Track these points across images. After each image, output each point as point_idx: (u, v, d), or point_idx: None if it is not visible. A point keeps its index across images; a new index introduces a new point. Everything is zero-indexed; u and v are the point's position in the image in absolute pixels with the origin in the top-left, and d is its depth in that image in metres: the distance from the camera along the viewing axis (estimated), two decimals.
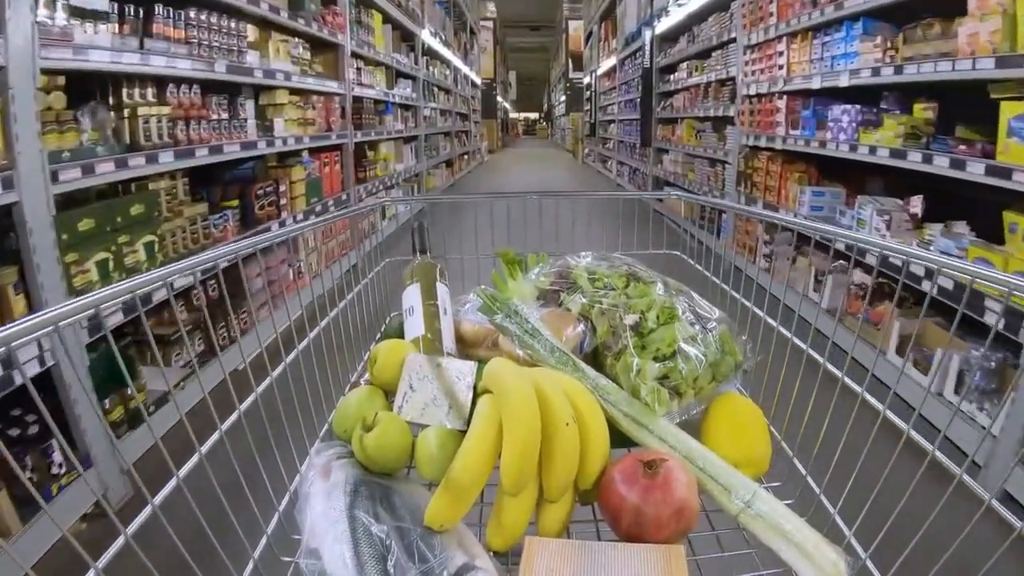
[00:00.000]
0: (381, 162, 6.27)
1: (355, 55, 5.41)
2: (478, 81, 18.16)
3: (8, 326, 0.55)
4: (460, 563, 0.71)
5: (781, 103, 4.28)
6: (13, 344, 0.55)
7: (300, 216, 4.02)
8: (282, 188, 3.82)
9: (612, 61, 12.46)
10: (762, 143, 4.56)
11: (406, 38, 8.14)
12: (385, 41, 6.61)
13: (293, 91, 4.08)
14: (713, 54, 6.02)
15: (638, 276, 1.09)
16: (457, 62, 13.00)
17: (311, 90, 4.38)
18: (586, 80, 17.55)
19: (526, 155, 21.61)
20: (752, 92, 4.74)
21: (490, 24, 20.97)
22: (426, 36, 9.03)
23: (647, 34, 8.24)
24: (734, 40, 5.17)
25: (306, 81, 4.18)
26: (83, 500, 1.89)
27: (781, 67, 4.31)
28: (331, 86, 4.76)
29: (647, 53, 8.26)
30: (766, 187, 4.57)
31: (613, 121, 12.74)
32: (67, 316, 0.59)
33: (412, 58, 8.25)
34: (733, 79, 5.23)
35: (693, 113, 6.62)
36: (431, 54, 9.96)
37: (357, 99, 5.44)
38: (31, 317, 0.57)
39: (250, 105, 3.47)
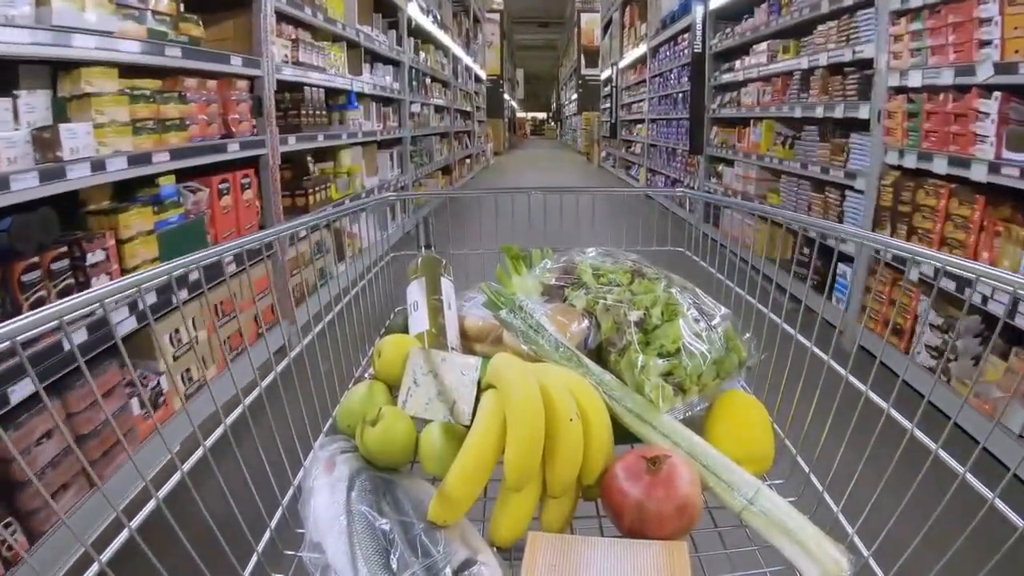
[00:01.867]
0: (343, 177, 4.54)
1: (287, 19, 3.63)
2: (483, 75, 16.64)
3: None
4: (463, 558, 0.71)
5: (989, 104, 2.48)
6: None
7: (139, 306, 2.00)
8: (94, 257, 1.98)
9: (640, 50, 10.40)
10: (937, 167, 2.76)
11: (384, 9, 6.16)
12: (347, 7, 4.75)
13: (135, 71, 2.25)
14: (819, 27, 4.03)
15: (643, 272, 1.09)
16: (457, 50, 11.00)
17: (182, 69, 2.52)
18: (603, 75, 15.83)
19: (535, 157, 20.58)
20: (913, 83, 2.93)
21: (496, 16, 19.61)
22: (413, 11, 7.05)
23: (698, 10, 6.34)
24: (869, 3, 3.35)
25: (167, 53, 2.33)
26: None
27: (987, 42, 2.49)
28: (233, 65, 2.88)
29: (698, 34, 6.30)
30: (943, 239, 2.79)
31: (641, 121, 10.62)
32: None
33: (392, 37, 6.25)
34: (867, 63, 3.37)
35: (780, 112, 4.64)
36: (421, 35, 7.94)
37: (292, 86, 3.67)
38: None
39: (30, 102, 1.84)
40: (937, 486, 0.71)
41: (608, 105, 14.39)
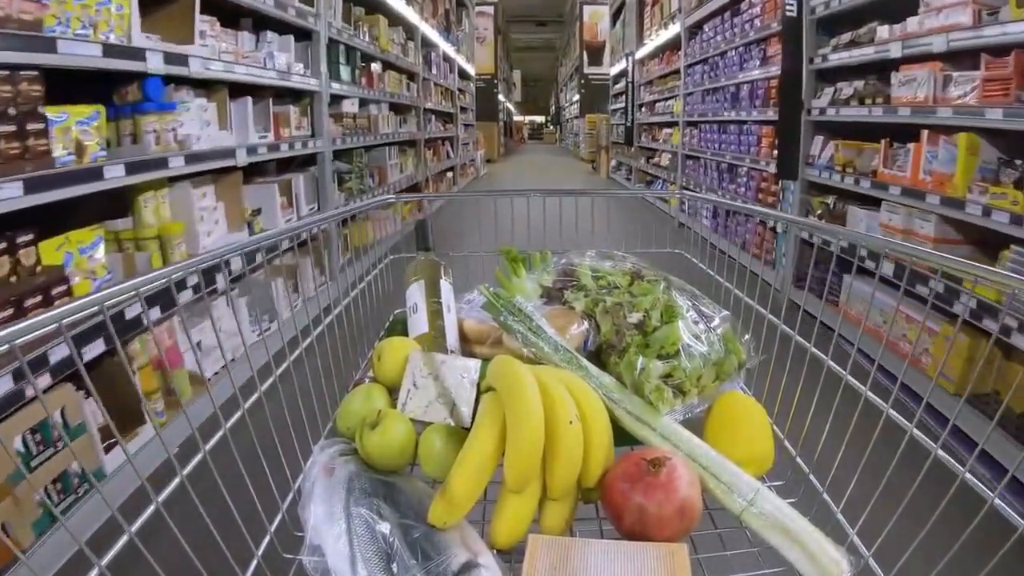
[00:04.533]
0: (148, 246, 2.33)
1: None
2: (471, 71, 14.19)
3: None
4: (463, 560, 0.71)
5: None
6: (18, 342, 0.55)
7: None
8: None
9: (670, 32, 8.10)
10: None
11: None
12: None
13: None
14: None
15: (642, 274, 1.09)
16: (429, 31, 8.23)
17: None
18: (613, 71, 13.79)
19: (533, 165, 18.19)
20: None
21: (490, 10, 17.89)
22: None
23: None
24: None
25: None
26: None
27: None
28: None
29: None
30: None
31: (672, 123, 8.02)
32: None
33: None
34: None
35: (1007, 120, 2.28)
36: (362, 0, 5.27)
37: None
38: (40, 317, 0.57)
39: None
40: (937, 487, 0.71)
41: (622, 105, 11.83)
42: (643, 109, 10.35)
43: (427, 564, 0.70)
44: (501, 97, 21.66)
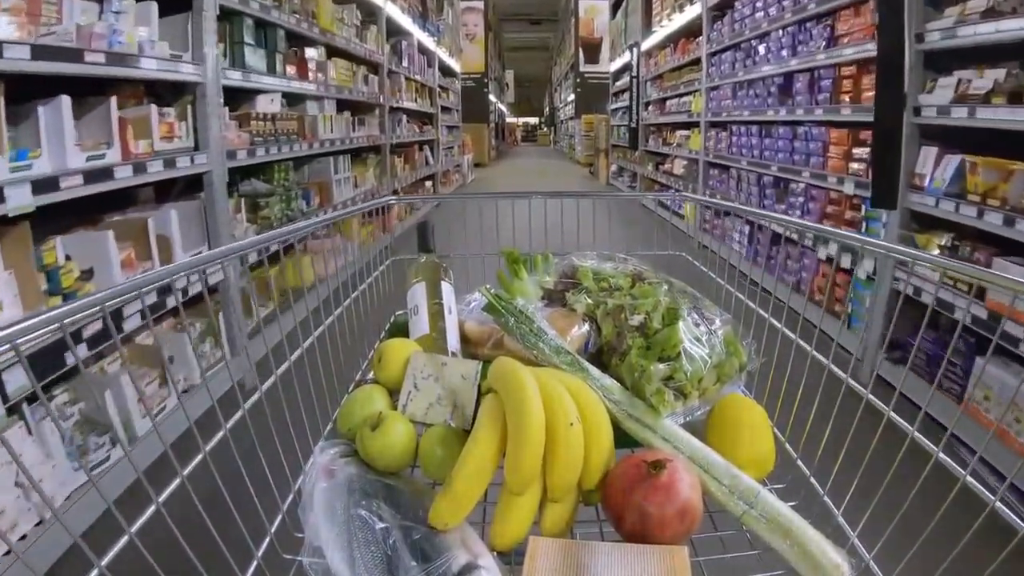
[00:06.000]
0: None
1: None
2: (455, 67, 12.89)
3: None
4: (463, 562, 0.71)
5: None
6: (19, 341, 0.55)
7: None
8: None
9: (685, 17, 6.91)
10: None
11: None
12: None
13: None
14: None
15: (643, 276, 1.09)
16: (397, 15, 6.90)
17: None
18: (614, 66, 12.87)
19: (527, 170, 16.83)
20: None
21: (479, 4, 17.18)
22: None
23: None
24: None
25: None
26: None
27: None
28: None
29: None
30: None
31: (691, 124, 6.77)
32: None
33: None
34: None
35: None
36: None
37: None
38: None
39: None
40: (938, 490, 0.71)
41: (624, 104, 10.59)
42: (650, 108, 9.04)
43: (427, 566, 0.70)
44: (492, 98, 20.57)
